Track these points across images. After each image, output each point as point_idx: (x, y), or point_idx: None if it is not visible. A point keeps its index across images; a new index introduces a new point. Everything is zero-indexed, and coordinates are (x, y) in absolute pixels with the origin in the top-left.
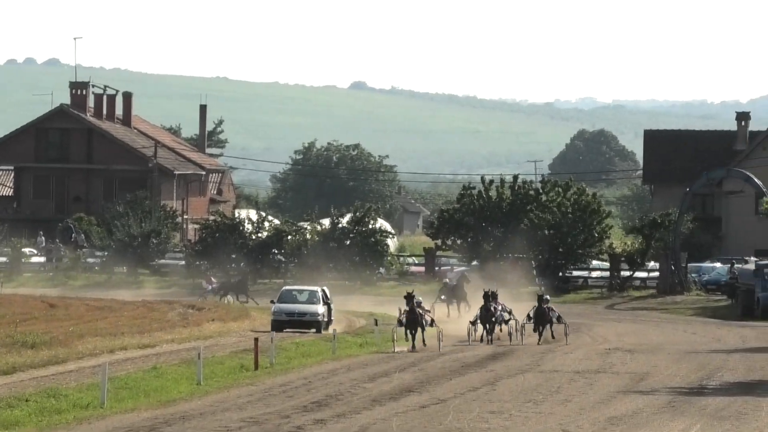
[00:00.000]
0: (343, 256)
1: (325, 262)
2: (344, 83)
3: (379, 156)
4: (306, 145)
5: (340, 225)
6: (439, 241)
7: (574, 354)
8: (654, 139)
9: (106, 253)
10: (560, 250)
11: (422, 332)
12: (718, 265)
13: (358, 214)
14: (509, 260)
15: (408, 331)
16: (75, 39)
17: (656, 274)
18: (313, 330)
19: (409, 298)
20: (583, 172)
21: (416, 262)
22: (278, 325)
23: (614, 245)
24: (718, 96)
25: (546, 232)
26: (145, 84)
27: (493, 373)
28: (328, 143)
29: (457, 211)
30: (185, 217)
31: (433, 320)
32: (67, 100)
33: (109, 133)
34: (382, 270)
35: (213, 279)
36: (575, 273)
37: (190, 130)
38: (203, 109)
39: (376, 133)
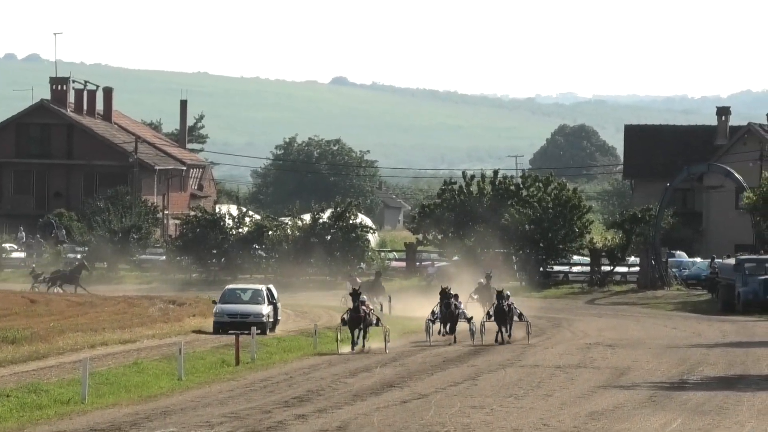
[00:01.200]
0: (324, 251)
1: (306, 257)
2: (325, 78)
3: (360, 151)
4: (287, 140)
5: (321, 220)
6: (420, 236)
7: (555, 349)
8: (635, 133)
9: (86, 249)
10: (541, 245)
11: (365, 332)
12: (698, 259)
13: (339, 209)
14: (490, 255)
15: (352, 331)
16: (55, 34)
17: (637, 269)
18: (258, 332)
19: (355, 295)
20: (564, 167)
21: (397, 257)
22: (220, 327)
23: (595, 240)
24: (698, 91)
25: (527, 227)
26: (126, 79)
27: (474, 368)
28: (309, 138)
29: (438, 206)
30: (166, 212)
31: (378, 319)
32: (47, 96)
33: (90, 128)
34: (363, 265)
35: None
36: (556, 268)
37: (171, 125)
38: (184, 104)
39: (357, 128)
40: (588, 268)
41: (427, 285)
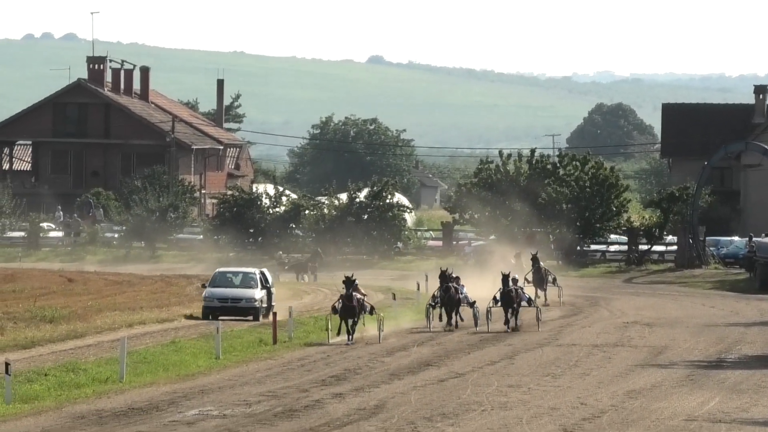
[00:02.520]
0: (360, 230)
1: (343, 236)
2: (362, 57)
3: (397, 130)
4: (323, 119)
5: (357, 199)
6: (456, 216)
7: (592, 328)
8: (672, 112)
9: (124, 228)
10: (578, 224)
11: (355, 322)
12: (735, 238)
13: (375, 188)
14: (527, 234)
15: (343, 321)
16: (92, 14)
17: (674, 247)
18: (250, 318)
19: (349, 282)
20: (601, 146)
21: (434, 236)
22: (210, 313)
23: (632, 219)
24: (736, 69)
25: (564, 206)
26: (163, 58)
27: (511, 347)
28: (346, 118)
29: (474, 185)
30: (203, 191)
31: (372, 307)
32: (84, 75)
33: (127, 107)
34: (399, 244)
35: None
36: (593, 247)
37: (208, 104)
38: (220, 83)
39: (393, 107)
40: (625, 247)
41: (464, 264)
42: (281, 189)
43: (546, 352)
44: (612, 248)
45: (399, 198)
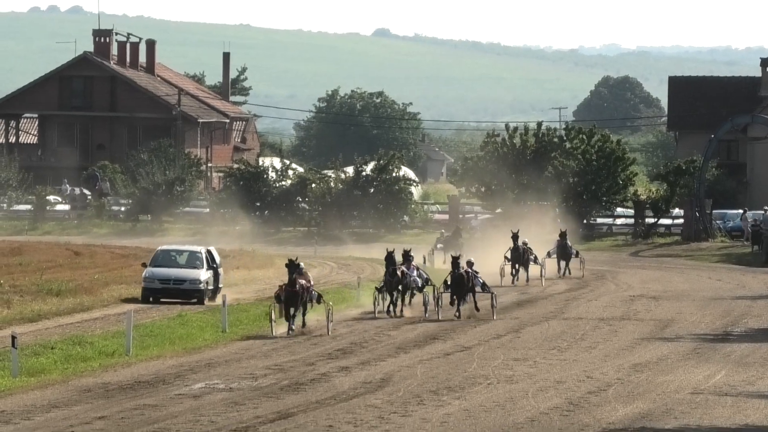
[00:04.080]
0: (367, 204)
1: (349, 210)
2: (368, 30)
3: (403, 103)
4: (329, 92)
5: (363, 173)
6: (463, 189)
7: (598, 301)
8: (679, 85)
9: (130, 201)
10: (584, 197)
11: (303, 311)
12: (741, 211)
13: (381, 161)
14: (533, 208)
15: (287, 310)
16: None
17: (681, 221)
18: (194, 301)
19: (292, 266)
20: (607, 119)
21: (440, 209)
22: (150, 295)
23: (639, 192)
24: (743, 42)
25: (570, 179)
26: (169, 31)
27: (517, 320)
28: (352, 91)
29: (481, 158)
30: (209, 165)
31: (320, 296)
32: (90, 48)
33: (133, 80)
34: (406, 218)
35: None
36: (600, 220)
37: (214, 77)
38: (226, 56)
39: (399, 80)
40: (632, 221)
41: (470, 237)
42: (287, 162)
43: (552, 326)
44: (618, 221)
45: (405, 171)
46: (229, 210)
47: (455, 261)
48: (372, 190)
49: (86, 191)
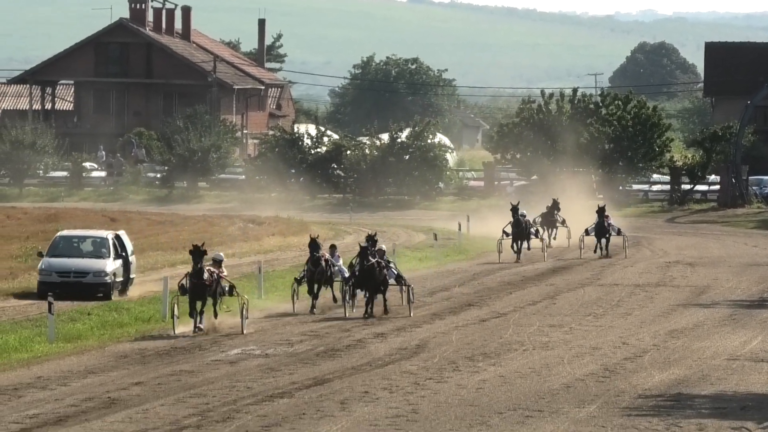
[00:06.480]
0: (402, 170)
1: (384, 177)
2: None
3: (438, 70)
4: (365, 59)
5: (399, 140)
6: (498, 156)
7: (634, 267)
8: (715, 51)
9: (166, 168)
10: (620, 163)
11: (214, 304)
12: None
13: (417, 128)
14: (569, 174)
15: (193, 303)
16: None
17: (717, 187)
18: (100, 295)
19: (197, 252)
20: (643, 85)
21: (475, 176)
22: (47, 290)
23: (675, 159)
24: None
25: (606, 145)
26: None
27: (553, 287)
28: (387, 57)
29: (516, 125)
30: (245, 131)
31: (233, 286)
32: (126, 14)
33: (169, 47)
34: (441, 185)
35: None
36: (636, 187)
37: (249, 44)
38: (262, 23)
39: (435, 46)
40: (668, 187)
41: (505, 205)
42: (323, 129)
43: (588, 292)
44: (654, 188)
45: (440, 138)
46: (264, 177)
47: (364, 250)
48: (407, 157)
49: (122, 158)
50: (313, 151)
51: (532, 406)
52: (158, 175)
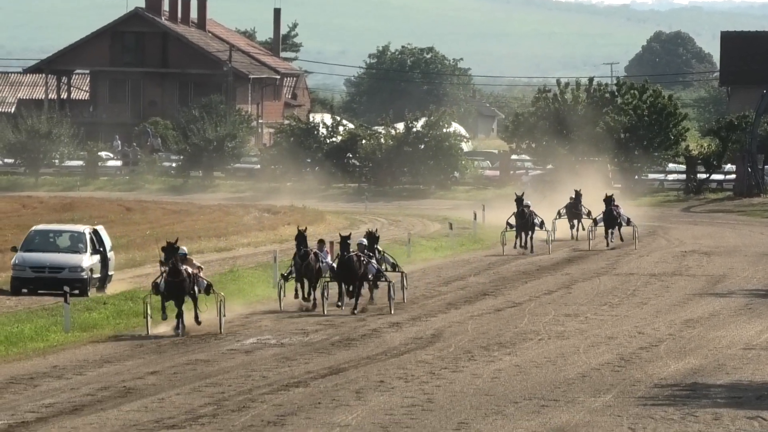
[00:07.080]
0: (417, 160)
1: (399, 166)
2: None
3: (454, 59)
4: (380, 48)
5: (414, 129)
6: (513, 145)
7: (650, 257)
8: (731, 40)
9: (181, 157)
10: (636, 153)
11: (195, 304)
12: None
13: (432, 118)
14: (584, 164)
15: (163, 303)
16: None
17: (733, 176)
18: (76, 292)
19: (170, 249)
20: (659, 74)
21: (491, 166)
22: (21, 285)
23: (691, 148)
24: None
25: (622, 135)
26: None
27: (568, 276)
28: (402, 47)
29: (532, 114)
30: (260, 121)
31: (210, 285)
32: (141, 4)
33: (184, 36)
34: (456, 174)
35: None
36: (651, 176)
37: (265, 34)
38: (277, 12)
39: (450, 36)
40: (683, 176)
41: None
42: (338, 118)
43: (603, 282)
44: (670, 177)
45: (456, 127)
46: (279, 166)
47: (344, 241)
48: (422, 147)
49: (137, 147)
50: (328, 141)
51: (547, 395)
52: (174, 165)
